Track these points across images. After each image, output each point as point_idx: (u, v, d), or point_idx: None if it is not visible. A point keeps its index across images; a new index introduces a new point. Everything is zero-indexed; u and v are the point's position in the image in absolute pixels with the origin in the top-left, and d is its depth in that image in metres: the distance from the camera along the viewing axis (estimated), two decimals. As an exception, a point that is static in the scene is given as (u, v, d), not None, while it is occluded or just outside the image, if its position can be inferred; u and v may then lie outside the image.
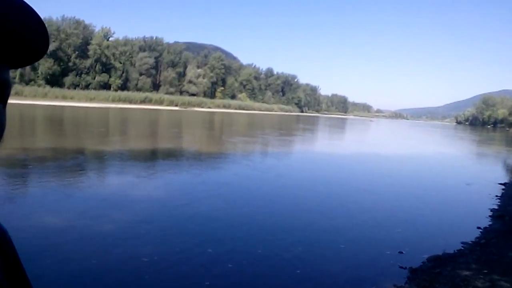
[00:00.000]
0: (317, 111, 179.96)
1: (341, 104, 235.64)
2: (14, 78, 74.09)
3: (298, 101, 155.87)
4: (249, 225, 7.93)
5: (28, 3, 0.58)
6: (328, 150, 26.23)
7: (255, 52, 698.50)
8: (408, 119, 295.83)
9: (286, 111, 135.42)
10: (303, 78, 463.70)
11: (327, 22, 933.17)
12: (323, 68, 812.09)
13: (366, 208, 10.01)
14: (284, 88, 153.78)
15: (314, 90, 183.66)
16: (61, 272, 5.18)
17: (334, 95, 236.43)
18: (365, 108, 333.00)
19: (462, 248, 7.10)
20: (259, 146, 25.73)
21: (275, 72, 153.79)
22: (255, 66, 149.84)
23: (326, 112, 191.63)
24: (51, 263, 5.37)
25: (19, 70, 76.27)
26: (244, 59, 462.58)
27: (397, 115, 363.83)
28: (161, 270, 5.41)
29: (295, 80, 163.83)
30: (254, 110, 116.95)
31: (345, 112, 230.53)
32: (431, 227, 8.62)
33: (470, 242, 7.43)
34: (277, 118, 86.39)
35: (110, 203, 8.88)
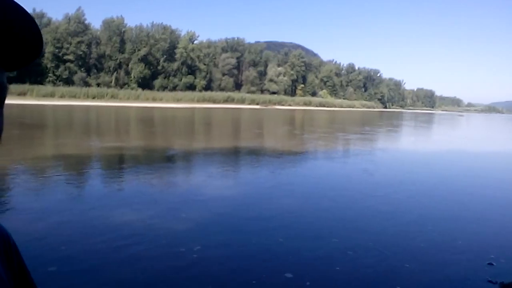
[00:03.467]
0: (402, 106, 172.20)
1: (427, 99, 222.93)
2: (110, 82, 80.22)
3: (381, 96, 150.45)
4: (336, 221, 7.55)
5: (21, 5, 0.57)
6: (433, 146, 25.33)
7: (336, 48, 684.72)
8: (503, 113, 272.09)
9: (369, 107, 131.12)
10: (386, 73, 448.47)
11: (410, 12, 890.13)
12: (408, 62, 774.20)
13: (460, 209, 9.01)
14: (366, 83, 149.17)
15: (398, 84, 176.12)
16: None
17: (419, 89, 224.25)
18: (454, 102, 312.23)
19: None
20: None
21: (356, 68, 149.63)
22: (335, 62, 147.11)
23: (411, 108, 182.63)
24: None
25: (114, 75, 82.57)
26: (324, 56, 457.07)
27: (490, 109, 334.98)
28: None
29: (378, 74, 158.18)
30: (335, 107, 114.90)
31: (432, 107, 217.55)
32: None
33: None
34: (360, 114, 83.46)
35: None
